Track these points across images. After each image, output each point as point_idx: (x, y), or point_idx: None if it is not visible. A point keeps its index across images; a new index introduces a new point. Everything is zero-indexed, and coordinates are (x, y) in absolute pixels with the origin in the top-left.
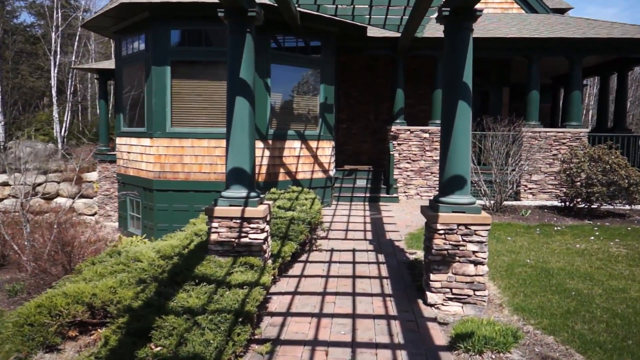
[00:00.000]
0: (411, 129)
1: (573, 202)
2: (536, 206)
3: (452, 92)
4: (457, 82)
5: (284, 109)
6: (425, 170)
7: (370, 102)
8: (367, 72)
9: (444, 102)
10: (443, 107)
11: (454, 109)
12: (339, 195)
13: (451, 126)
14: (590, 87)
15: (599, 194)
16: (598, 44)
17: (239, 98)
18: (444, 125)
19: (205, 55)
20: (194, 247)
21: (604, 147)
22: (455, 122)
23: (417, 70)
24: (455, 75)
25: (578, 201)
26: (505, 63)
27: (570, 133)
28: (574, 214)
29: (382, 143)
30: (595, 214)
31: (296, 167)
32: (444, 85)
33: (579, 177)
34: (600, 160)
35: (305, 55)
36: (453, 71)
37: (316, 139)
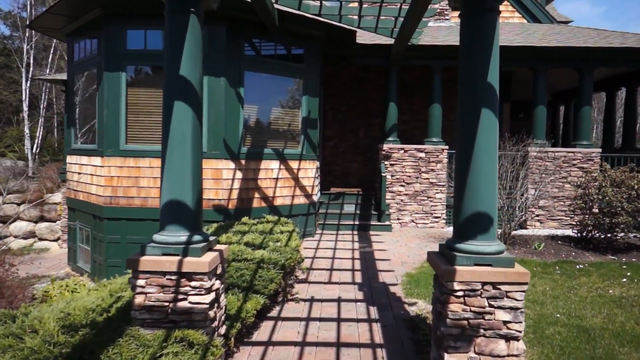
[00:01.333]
0: (405, 147)
1: (590, 233)
2: (547, 236)
3: (472, 97)
4: (480, 84)
5: (260, 124)
6: (421, 194)
7: (359, 118)
8: (357, 84)
9: (461, 111)
10: (460, 119)
11: (475, 120)
12: (324, 222)
13: (471, 144)
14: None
15: (625, 225)
16: (611, 54)
17: (178, 104)
18: (461, 144)
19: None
20: (116, 312)
21: (625, 169)
22: (477, 138)
23: (411, 84)
24: (476, 75)
25: (595, 232)
26: (506, 77)
27: (581, 153)
28: (593, 247)
29: (373, 163)
30: (615, 246)
31: (274, 191)
32: (461, 89)
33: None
34: (623, 185)
35: (286, 63)
36: (474, 69)
37: (298, 159)
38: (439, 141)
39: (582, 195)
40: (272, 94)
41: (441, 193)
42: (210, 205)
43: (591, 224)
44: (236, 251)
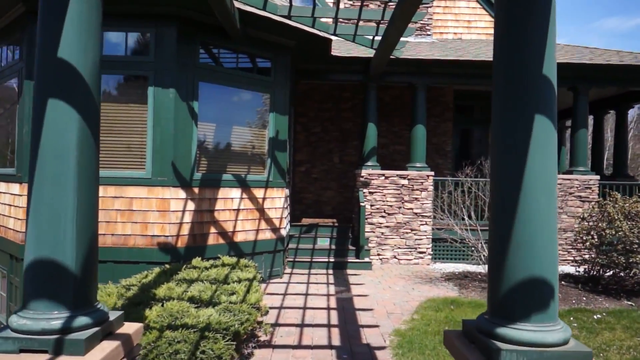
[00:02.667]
0: (386, 173)
1: (599, 272)
2: None
3: (520, 99)
4: (532, 77)
5: (219, 145)
6: (404, 226)
7: (334, 141)
8: (331, 103)
9: (501, 124)
10: (497, 135)
11: (525, 135)
12: (295, 260)
13: (517, 173)
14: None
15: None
16: (608, 72)
17: (55, 104)
18: (500, 171)
19: (113, 67)
20: None
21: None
22: (529, 163)
23: (391, 104)
24: (528, 62)
25: (606, 271)
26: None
27: (578, 181)
28: (602, 288)
29: (350, 190)
30: (627, 288)
31: (234, 225)
32: (501, 90)
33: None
34: (637, 217)
35: (251, 75)
36: (522, 54)
37: (263, 187)
38: (423, 166)
39: (589, 230)
40: (233, 110)
41: (426, 225)
42: (155, 243)
43: (601, 263)
44: (175, 312)
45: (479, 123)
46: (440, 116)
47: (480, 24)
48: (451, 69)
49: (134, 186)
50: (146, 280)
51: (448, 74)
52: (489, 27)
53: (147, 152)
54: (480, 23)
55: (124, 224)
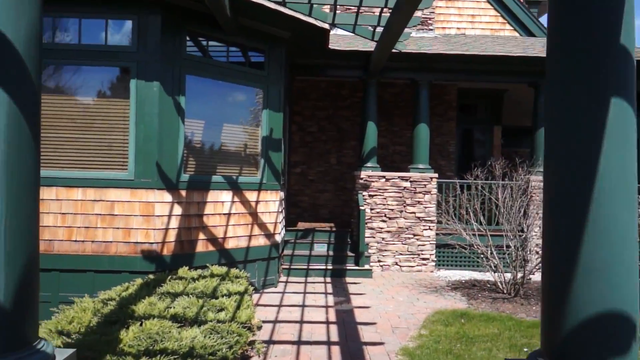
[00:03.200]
0: (387, 175)
1: None
2: None
3: (585, 79)
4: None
5: (208, 144)
6: (406, 231)
7: (331, 141)
8: (328, 102)
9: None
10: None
11: (596, 126)
12: (290, 267)
13: (586, 175)
14: None
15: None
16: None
17: None
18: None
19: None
20: None
21: None
22: (602, 163)
23: (391, 102)
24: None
25: None
26: (497, 96)
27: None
28: None
29: (348, 193)
30: None
31: (225, 230)
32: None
33: None
34: None
35: (243, 68)
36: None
37: (256, 189)
38: (426, 168)
39: None
40: (223, 107)
41: (430, 230)
42: (138, 250)
43: None
44: (154, 333)
45: (483, 123)
46: (443, 115)
47: (485, 19)
48: (456, 65)
49: (116, 188)
50: (126, 294)
51: (453, 70)
52: (493, 22)
53: (130, 152)
54: (484, 18)
55: (104, 229)
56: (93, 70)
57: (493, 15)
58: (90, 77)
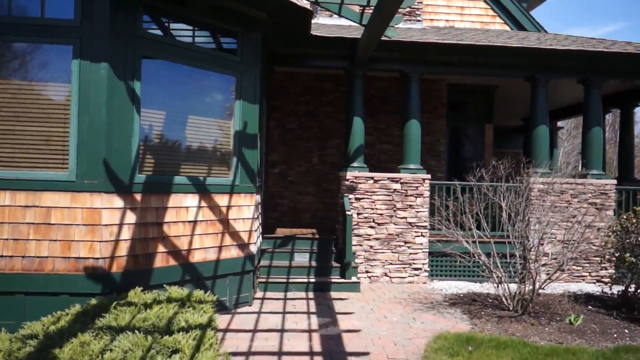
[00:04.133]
0: (375, 176)
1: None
2: (563, 295)
3: None
4: None
5: (170, 140)
6: (397, 238)
7: (313, 139)
8: (310, 96)
9: None
10: None
11: None
12: (267, 280)
13: None
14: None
15: None
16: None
17: None
18: None
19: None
20: None
21: None
22: None
23: (377, 98)
24: None
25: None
26: (488, 92)
27: (593, 186)
28: (627, 311)
29: (331, 196)
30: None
31: (190, 241)
32: None
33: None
34: None
35: (212, 52)
36: None
37: (228, 192)
38: (418, 168)
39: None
40: (189, 96)
41: (422, 237)
42: (81, 267)
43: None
44: None
45: (473, 121)
46: (433, 112)
47: (475, 11)
48: (449, 56)
49: (53, 192)
50: (55, 328)
51: (445, 63)
52: (483, 14)
53: (71, 147)
54: (474, 10)
55: (39, 242)
56: (26, 48)
57: (483, 7)
58: (23, 56)
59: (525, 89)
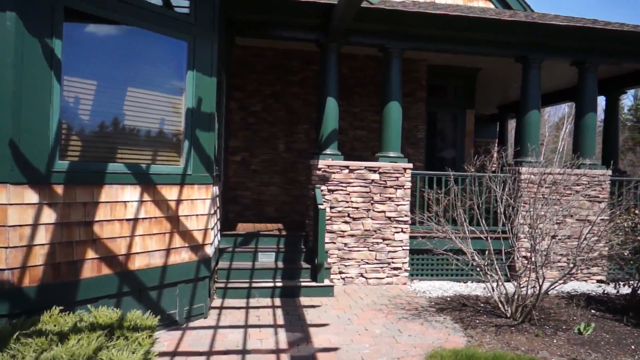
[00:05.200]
0: (351, 165)
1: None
2: (558, 296)
3: None
4: None
5: (102, 117)
6: (374, 234)
7: (280, 123)
8: (276, 75)
9: None
10: None
11: None
12: (227, 286)
13: None
14: None
15: None
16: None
17: None
18: None
19: None
20: None
21: None
22: None
23: (351, 78)
24: None
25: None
26: (470, 75)
27: (586, 177)
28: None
29: (299, 187)
30: None
31: (129, 244)
32: None
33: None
34: None
35: (158, 8)
36: None
37: (178, 183)
38: (398, 157)
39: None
40: (128, 63)
41: (402, 233)
42: None
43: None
44: None
45: (454, 106)
46: (411, 96)
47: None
48: (434, 29)
49: None
50: None
51: (429, 38)
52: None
53: None
54: None
55: None
56: None
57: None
58: None
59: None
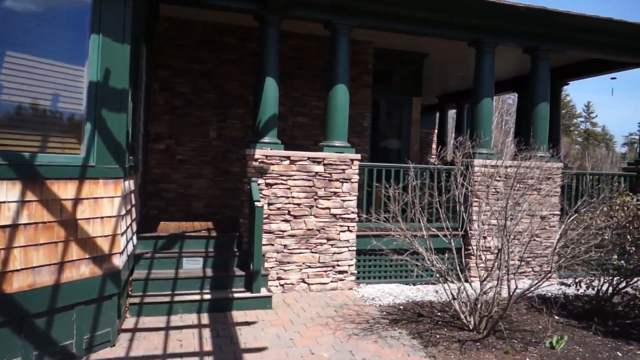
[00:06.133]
0: (292, 156)
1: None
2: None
3: None
4: None
5: None
6: (318, 234)
7: (211, 106)
8: (208, 52)
9: None
10: None
11: None
12: (143, 300)
13: None
14: None
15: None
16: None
17: None
18: None
19: None
20: None
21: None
22: None
23: (292, 59)
24: None
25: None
26: (417, 60)
27: (539, 169)
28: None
29: (233, 180)
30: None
31: (4, 259)
32: None
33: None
34: None
35: None
36: None
37: (76, 177)
38: (345, 146)
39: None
40: (8, 19)
41: (349, 232)
42: None
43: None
44: None
45: (400, 93)
46: (357, 80)
47: None
48: (386, 6)
49: None
50: None
51: (380, 15)
52: None
53: None
54: None
55: None
56: None
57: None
58: None
59: (455, 60)
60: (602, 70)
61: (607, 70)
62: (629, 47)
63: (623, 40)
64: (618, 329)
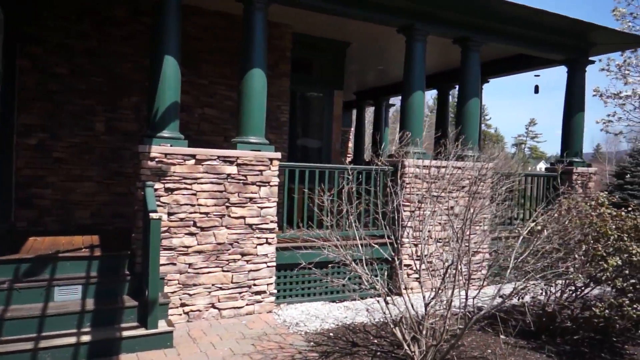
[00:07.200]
0: (198, 154)
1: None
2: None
3: None
4: None
5: None
6: (231, 248)
7: (98, 92)
8: (92, 25)
9: None
10: None
11: None
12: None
13: None
14: None
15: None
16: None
17: None
18: None
19: None
20: None
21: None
22: None
23: (196, 40)
24: None
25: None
26: (339, 50)
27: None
28: (565, 341)
29: (128, 183)
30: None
31: None
32: None
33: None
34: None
35: None
36: None
37: None
38: (262, 143)
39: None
40: None
41: (268, 244)
42: None
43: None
44: None
45: (320, 86)
46: (273, 69)
47: None
48: None
49: None
50: None
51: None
52: None
53: None
54: None
55: None
56: None
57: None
58: None
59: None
60: (526, 68)
61: (531, 67)
62: (558, 43)
63: (555, 36)
64: (569, 347)
